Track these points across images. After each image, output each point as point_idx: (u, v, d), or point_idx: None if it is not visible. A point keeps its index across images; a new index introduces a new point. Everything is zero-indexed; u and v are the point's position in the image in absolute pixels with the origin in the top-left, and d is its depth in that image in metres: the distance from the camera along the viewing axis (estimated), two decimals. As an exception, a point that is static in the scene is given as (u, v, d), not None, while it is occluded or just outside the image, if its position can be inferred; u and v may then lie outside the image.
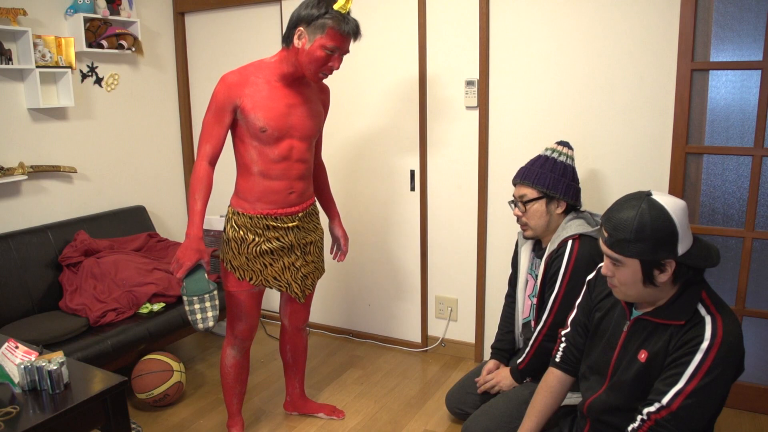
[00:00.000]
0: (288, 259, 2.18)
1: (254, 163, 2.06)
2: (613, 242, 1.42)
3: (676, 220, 1.38)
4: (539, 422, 1.74)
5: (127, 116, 3.38)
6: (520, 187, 2.18)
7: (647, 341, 1.48)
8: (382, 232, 3.16)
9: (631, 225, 1.38)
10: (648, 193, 1.42)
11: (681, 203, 1.41)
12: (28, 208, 2.93)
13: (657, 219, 1.37)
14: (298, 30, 1.95)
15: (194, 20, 3.56)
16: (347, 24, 1.93)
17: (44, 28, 2.92)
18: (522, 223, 2.20)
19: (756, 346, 2.48)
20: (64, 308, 2.68)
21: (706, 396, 1.36)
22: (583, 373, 1.69)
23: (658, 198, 1.40)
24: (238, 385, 2.32)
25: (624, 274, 1.43)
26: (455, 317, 3.08)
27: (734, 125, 2.37)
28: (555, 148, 2.19)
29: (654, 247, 1.37)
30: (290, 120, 2.06)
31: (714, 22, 2.33)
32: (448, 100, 2.87)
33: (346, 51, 2.01)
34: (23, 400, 1.57)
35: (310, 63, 1.96)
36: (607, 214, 1.46)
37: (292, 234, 2.17)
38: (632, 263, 1.41)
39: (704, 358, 1.36)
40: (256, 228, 2.11)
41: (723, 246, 2.47)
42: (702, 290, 1.45)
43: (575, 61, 2.56)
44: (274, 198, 2.10)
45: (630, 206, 1.40)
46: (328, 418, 2.52)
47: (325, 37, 1.92)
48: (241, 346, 2.25)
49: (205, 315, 1.95)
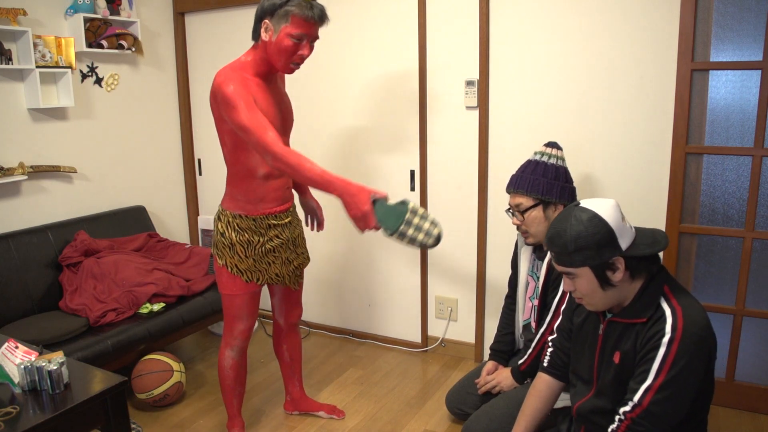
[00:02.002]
0: (285, 254, 2.22)
1: (260, 166, 2.03)
2: (558, 257, 1.48)
3: (608, 219, 1.42)
4: (529, 426, 1.77)
5: (127, 116, 3.38)
6: (514, 196, 2.16)
7: (619, 342, 1.52)
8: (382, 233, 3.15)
9: (569, 237, 1.44)
10: (576, 204, 1.49)
11: (610, 202, 1.47)
12: (28, 208, 2.93)
13: (589, 224, 1.43)
14: (264, 23, 1.92)
15: (194, 20, 3.56)
16: (311, 9, 1.88)
17: (44, 28, 2.92)
18: (522, 231, 2.19)
19: (756, 346, 2.48)
20: (64, 308, 2.67)
21: (675, 388, 1.38)
22: (570, 379, 1.72)
23: (585, 205, 1.47)
24: (238, 386, 2.32)
25: (582, 285, 1.48)
26: (455, 317, 3.08)
27: (734, 125, 2.37)
28: (544, 151, 2.17)
29: (597, 251, 1.42)
30: (281, 118, 2.07)
31: (714, 22, 2.33)
32: (448, 100, 2.87)
33: (315, 37, 1.96)
34: (23, 400, 1.57)
35: (279, 54, 1.92)
36: (547, 234, 1.52)
37: (288, 230, 2.21)
38: (584, 272, 1.46)
39: (667, 352, 1.38)
40: (260, 228, 2.12)
41: (723, 246, 2.47)
42: (664, 284, 1.48)
43: (575, 61, 2.56)
44: (275, 195, 2.12)
45: (562, 221, 1.48)
46: (328, 417, 2.53)
47: (290, 25, 1.88)
48: (239, 346, 2.24)
49: (424, 230, 1.76)
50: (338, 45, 3.09)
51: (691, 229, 2.48)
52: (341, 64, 3.12)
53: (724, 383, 2.52)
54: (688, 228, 2.48)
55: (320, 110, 3.21)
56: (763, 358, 2.48)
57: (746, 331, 2.46)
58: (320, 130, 3.21)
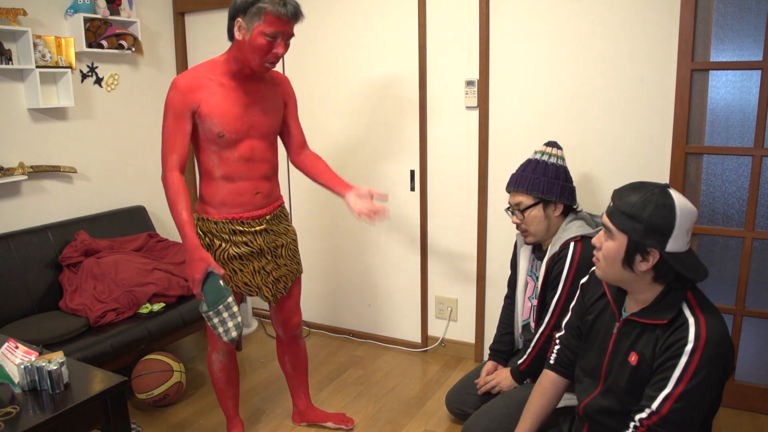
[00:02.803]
0: (258, 263, 2.12)
1: (216, 167, 2.00)
2: (613, 211, 1.46)
3: (678, 217, 1.39)
4: (534, 423, 1.76)
5: (127, 116, 3.38)
6: (514, 194, 2.17)
7: (636, 343, 1.49)
8: (382, 232, 3.16)
9: (636, 202, 1.41)
10: (667, 185, 1.45)
11: (692, 208, 1.42)
12: (28, 208, 2.93)
13: (661, 207, 1.39)
14: (237, 21, 1.88)
15: (194, 20, 3.56)
16: (284, 6, 1.83)
17: (44, 28, 2.92)
18: (522, 229, 2.19)
19: (756, 346, 2.48)
20: (64, 308, 2.67)
21: (694, 398, 1.37)
22: (576, 375, 1.70)
23: (673, 192, 1.43)
24: (231, 388, 2.28)
25: (610, 248, 1.46)
26: (455, 317, 3.08)
27: (734, 125, 2.37)
28: (544, 151, 2.18)
29: (645, 231, 1.39)
30: (247, 120, 1.99)
31: (714, 22, 2.33)
32: (448, 100, 2.87)
33: (290, 35, 1.91)
34: (23, 400, 1.57)
35: (252, 53, 1.88)
36: (622, 187, 1.49)
37: (261, 238, 2.10)
38: (621, 238, 1.43)
39: (689, 361, 1.36)
40: (222, 233, 2.04)
41: (723, 246, 2.47)
42: (688, 291, 1.46)
43: (575, 61, 2.56)
44: (239, 200, 2.04)
45: (644, 187, 1.44)
46: (336, 427, 2.44)
47: (263, 23, 1.83)
48: (224, 349, 2.19)
49: (226, 327, 1.87)
50: (338, 45, 3.09)
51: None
52: (341, 63, 3.12)
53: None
54: (688, 228, 2.48)
55: (320, 110, 3.21)
56: (763, 358, 2.48)
57: (746, 331, 2.47)
58: (320, 130, 3.21)
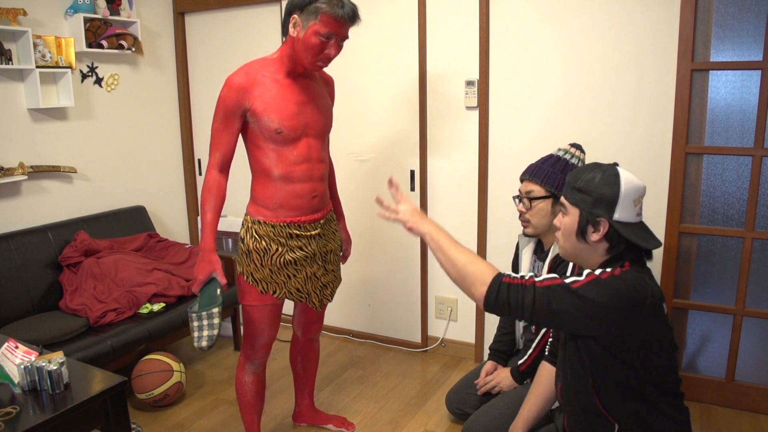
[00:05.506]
0: (310, 269, 2.07)
1: (274, 166, 1.95)
2: (566, 189, 1.55)
3: (622, 187, 1.46)
4: (532, 411, 1.83)
5: (127, 116, 3.38)
6: (527, 183, 2.17)
7: None
8: (382, 233, 3.16)
9: (584, 175, 1.51)
10: (615, 164, 1.54)
11: (639, 183, 1.49)
12: (28, 208, 2.93)
13: (606, 180, 1.47)
14: (293, 18, 1.85)
15: (194, 20, 3.56)
16: (342, 8, 1.80)
17: (44, 28, 2.92)
18: (524, 219, 2.19)
19: (756, 346, 2.48)
20: (64, 308, 2.67)
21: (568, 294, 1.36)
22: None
23: (620, 169, 1.51)
24: (259, 402, 2.19)
25: (565, 223, 1.53)
26: (455, 317, 3.08)
27: (734, 125, 2.37)
28: (568, 150, 2.18)
29: (594, 202, 1.46)
30: (304, 118, 1.95)
31: (714, 22, 2.33)
32: (448, 100, 2.87)
33: (345, 37, 1.89)
34: (23, 400, 1.57)
35: (305, 51, 1.85)
36: (577, 168, 1.60)
37: (315, 243, 2.06)
38: (574, 212, 1.50)
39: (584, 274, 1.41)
40: (279, 237, 1.99)
41: (723, 246, 2.47)
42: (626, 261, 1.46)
43: (575, 61, 2.56)
44: (297, 203, 1.99)
45: (593, 165, 1.55)
46: (336, 430, 2.43)
47: (318, 23, 1.80)
48: (260, 360, 2.12)
49: (201, 333, 1.85)
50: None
51: (691, 229, 2.48)
52: (341, 63, 3.11)
53: (724, 383, 2.52)
54: (688, 228, 2.48)
55: (320, 110, 3.20)
56: (763, 358, 2.48)
57: (746, 331, 2.47)
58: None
